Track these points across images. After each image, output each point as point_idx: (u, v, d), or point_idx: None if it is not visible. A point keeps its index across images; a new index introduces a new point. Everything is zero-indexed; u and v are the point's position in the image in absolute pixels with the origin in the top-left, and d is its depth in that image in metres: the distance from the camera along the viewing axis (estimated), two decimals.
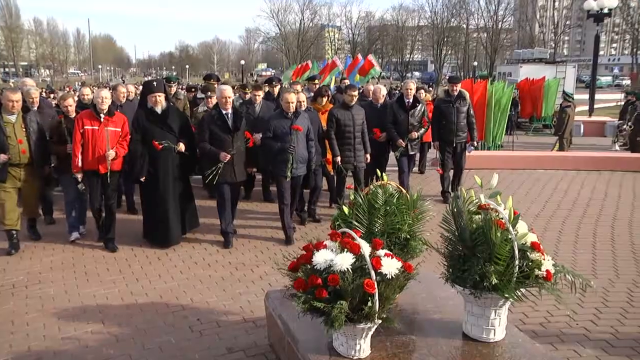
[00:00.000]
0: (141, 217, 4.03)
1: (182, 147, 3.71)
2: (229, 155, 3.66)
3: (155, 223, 3.81)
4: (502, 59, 40.56)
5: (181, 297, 3.05)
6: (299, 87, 5.26)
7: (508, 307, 1.76)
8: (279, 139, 3.80)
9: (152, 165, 3.72)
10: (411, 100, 4.77)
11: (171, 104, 4.13)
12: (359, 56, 12.89)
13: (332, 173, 4.48)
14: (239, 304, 2.99)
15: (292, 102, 3.83)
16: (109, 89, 4.95)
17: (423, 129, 4.86)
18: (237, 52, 65.11)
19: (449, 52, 42.31)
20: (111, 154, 3.58)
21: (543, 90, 11.80)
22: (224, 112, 3.73)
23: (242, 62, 36.75)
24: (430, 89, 13.98)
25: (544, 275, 1.64)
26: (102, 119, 3.59)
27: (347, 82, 6.82)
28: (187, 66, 56.64)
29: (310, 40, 43.89)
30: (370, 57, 10.95)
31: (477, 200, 1.78)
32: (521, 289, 1.65)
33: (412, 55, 45.87)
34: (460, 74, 41.95)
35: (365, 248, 1.58)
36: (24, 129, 3.60)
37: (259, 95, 4.82)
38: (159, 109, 3.70)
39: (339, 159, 4.31)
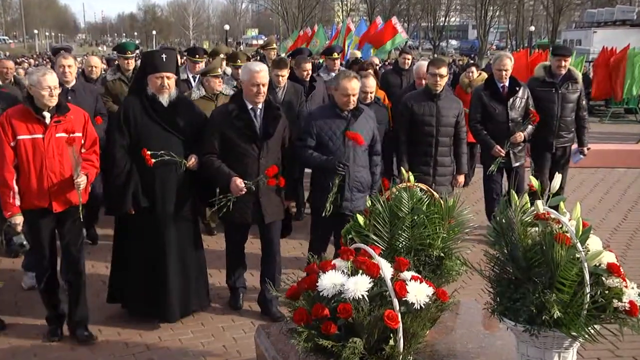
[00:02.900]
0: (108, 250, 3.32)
1: (192, 161, 2.95)
2: (244, 189, 2.90)
3: (143, 288, 3.04)
4: (569, 22, 40.18)
5: (146, 334, 3.07)
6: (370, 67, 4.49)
7: (577, 349, 1.76)
8: (324, 149, 3.06)
9: (143, 192, 2.93)
10: (507, 84, 4.05)
11: (182, 91, 3.37)
12: (379, 19, 12.93)
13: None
14: (221, 342, 3.00)
15: (354, 95, 3.05)
16: (60, 67, 3.78)
17: (531, 127, 4.07)
18: (219, 13, 65.74)
19: (497, 13, 42.09)
20: (82, 180, 2.75)
21: (626, 63, 11.67)
22: (249, 106, 2.99)
23: (227, 27, 36.97)
24: (472, 62, 13.89)
25: (627, 308, 1.63)
26: (48, 122, 2.73)
27: (408, 57, 5.65)
28: (154, 32, 57.24)
29: None
30: (394, 20, 10.99)
31: (533, 208, 1.77)
32: (594, 326, 1.64)
33: (447, 19, 45.77)
34: (511, 44, 41.80)
35: (386, 269, 1.58)
36: None
37: (282, 77, 4.18)
38: (165, 99, 2.95)
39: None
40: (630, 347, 2.69)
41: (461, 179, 3.86)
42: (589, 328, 1.63)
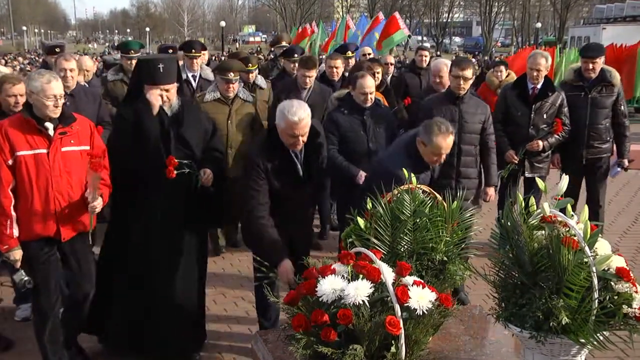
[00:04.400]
0: None
1: (208, 176, 2.69)
2: (293, 282, 2.46)
3: (131, 323, 2.76)
4: (577, 18, 40.24)
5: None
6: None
7: (585, 357, 1.76)
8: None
9: (135, 214, 2.67)
10: (539, 87, 3.82)
11: (185, 94, 3.08)
12: (380, 15, 12.95)
13: None
14: (216, 350, 3.02)
15: (447, 152, 2.78)
16: (62, 70, 3.46)
17: (555, 137, 3.83)
18: (215, 9, 65.87)
19: (502, 9, 42.24)
20: (98, 204, 2.50)
21: (637, 60, 11.67)
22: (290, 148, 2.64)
23: (223, 23, 36.99)
24: (474, 59, 13.84)
25: (637, 314, 1.63)
26: (52, 134, 2.46)
27: (426, 54, 5.26)
28: (148, 29, 57.27)
29: None
30: (396, 15, 11.00)
31: (539, 211, 1.78)
32: (603, 332, 1.65)
33: (450, 15, 45.89)
34: (516, 41, 41.81)
35: (388, 274, 1.59)
36: None
37: (310, 77, 4.02)
38: (167, 111, 2.73)
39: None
40: None
41: (491, 192, 3.58)
42: (598, 335, 1.63)
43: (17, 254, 2.42)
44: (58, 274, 2.60)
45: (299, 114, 2.50)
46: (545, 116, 3.82)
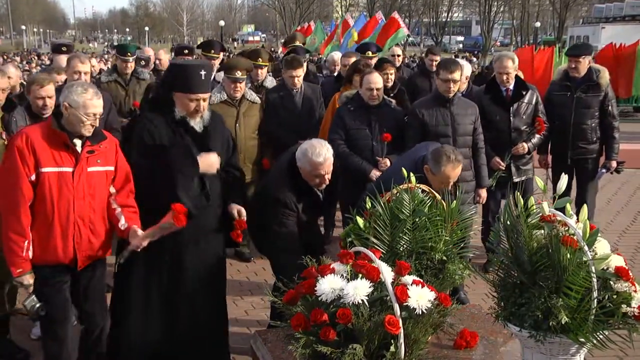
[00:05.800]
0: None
1: (243, 219, 2.55)
2: None
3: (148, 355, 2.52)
4: (576, 18, 40.29)
5: None
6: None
7: (584, 356, 1.76)
8: None
9: (154, 246, 2.38)
10: (512, 88, 3.72)
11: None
12: (379, 15, 12.97)
13: None
14: None
15: (454, 180, 2.71)
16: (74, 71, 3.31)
17: (537, 137, 3.76)
18: (214, 9, 65.90)
19: (502, 8, 42.27)
20: (144, 245, 2.30)
21: (635, 59, 11.68)
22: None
23: (222, 22, 36.99)
24: (474, 59, 13.84)
25: (636, 314, 1.63)
26: (80, 150, 2.25)
27: (436, 58, 4.92)
28: (147, 28, 57.32)
29: None
30: (396, 15, 11.03)
31: (538, 210, 1.78)
32: (602, 332, 1.65)
33: (450, 14, 45.93)
34: (515, 40, 41.83)
35: (387, 273, 1.59)
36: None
37: (298, 77, 3.90)
38: (198, 124, 2.46)
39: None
40: (639, 353, 2.69)
41: (483, 193, 3.51)
42: (597, 334, 1.64)
43: (31, 278, 2.23)
44: (70, 302, 2.42)
45: (324, 153, 2.51)
46: (524, 117, 3.74)
